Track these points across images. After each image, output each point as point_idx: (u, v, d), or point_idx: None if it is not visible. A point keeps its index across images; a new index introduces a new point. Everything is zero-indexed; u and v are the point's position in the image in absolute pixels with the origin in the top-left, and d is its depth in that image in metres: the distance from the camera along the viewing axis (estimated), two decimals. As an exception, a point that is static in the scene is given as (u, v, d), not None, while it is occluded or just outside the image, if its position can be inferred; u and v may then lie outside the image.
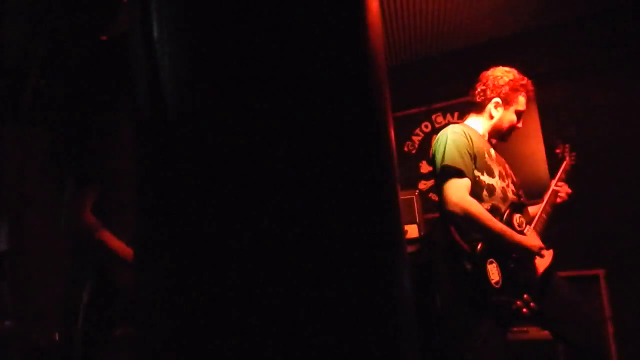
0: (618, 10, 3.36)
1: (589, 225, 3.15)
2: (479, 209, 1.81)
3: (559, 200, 2.17)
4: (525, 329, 2.66)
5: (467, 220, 1.81)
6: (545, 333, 2.28)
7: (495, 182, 1.94)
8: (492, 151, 2.04)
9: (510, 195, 1.98)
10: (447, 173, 1.87)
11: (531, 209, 2.10)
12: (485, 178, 1.92)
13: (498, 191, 1.93)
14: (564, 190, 2.18)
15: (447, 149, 1.90)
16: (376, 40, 0.88)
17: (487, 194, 1.90)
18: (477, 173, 1.90)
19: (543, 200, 2.15)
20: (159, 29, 0.85)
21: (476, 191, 1.88)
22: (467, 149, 1.90)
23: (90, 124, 2.01)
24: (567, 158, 2.37)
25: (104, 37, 2.42)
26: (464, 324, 1.83)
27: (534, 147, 3.61)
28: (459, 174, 1.85)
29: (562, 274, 2.05)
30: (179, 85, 0.81)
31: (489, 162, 1.96)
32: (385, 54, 0.90)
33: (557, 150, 2.40)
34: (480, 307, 1.79)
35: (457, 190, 1.82)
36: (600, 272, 2.92)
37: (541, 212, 2.09)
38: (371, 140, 0.82)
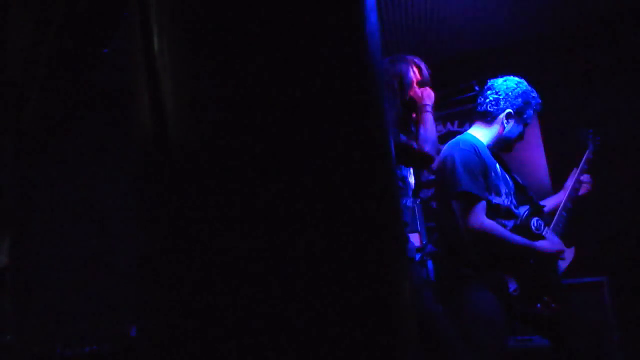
0: (618, 16, 3.37)
1: (592, 232, 3.14)
2: (499, 230, 1.85)
3: (582, 192, 2.14)
4: (529, 337, 2.64)
5: (489, 242, 1.85)
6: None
7: (502, 200, 1.96)
8: (498, 167, 2.03)
9: (514, 210, 1.99)
10: (464, 199, 1.87)
11: (551, 202, 2.11)
12: (493, 198, 1.93)
13: (504, 209, 1.95)
14: (586, 180, 2.15)
15: (459, 172, 1.88)
16: (375, 49, 0.88)
17: (493, 214, 1.91)
18: (485, 193, 1.91)
19: (563, 195, 2.11)
20: (160, 42, 0.85)
21: (487, 212, 1.89)
22: (479, 170, 1.90)
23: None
24: (592, 145, 2.28)
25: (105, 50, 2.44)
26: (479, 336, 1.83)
27: (535, 154, 3.61)
28: (476, 199, 1.86)
29: (566, 281, 2.05)
30: (183, 104, 0.82)
31: (496, 181, 1.96)
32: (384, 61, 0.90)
33: (582, 138, 2.29)
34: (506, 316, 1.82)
35: (476, 216, 1.84)
36: (604, 279, 2.90)
37: (561, 210, 2.07)
38: (370, 148, 0.82)
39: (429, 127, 1.76)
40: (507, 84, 2.04)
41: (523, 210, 2.00)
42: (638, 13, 3.32)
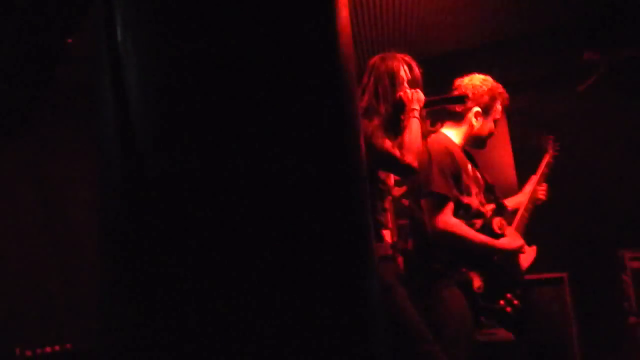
0: (583, 21, 3.47)
1: (553, 229, 3.24)
2: (464, 230, 1.90)
3: (540, 197, 2.21)
4: (493, 331, 2.71)
5: (455, 241, 1.89)
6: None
7: (472, 200, 2.00)
8: (470, 167, 2.07)
9: (483, 209, 2.04)
10: (433, 199, 1.91)
11: (512, 201, 2.18)
12: (464, 198, 1.97)
13: (473, 209, 2.00)
14: (542, 189, 2.23)
15: (432, 173, 1.91)
16: (346, 48, 0.88)
17: (463, 213, 1.96)
18: (456, 193, 1.95)
19: (524, 197, 2.19)
20: (124, 34, 0.83)
21: (455, 211, 1.93)
22: (450, 170, 1.93)
23: None
24: (551, 150, 2.37)
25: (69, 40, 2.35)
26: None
27: (502, 154, 3.70)
28: (445, 199, 1.90)
29: (528, 277, 2.11)
30: (148, 96, 0.80)
31: (467, 181, 2.01)
32: (355, 61, 0.90)
33: (542, 143, 2.38)
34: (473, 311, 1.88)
35: (444, 215, 1.88)
36: (565, 275, 3.01)
37: (523, 211, 2.14)
38: (341, 146, 0.82)
39: (414, 134, 1.74)
40: (472, 83, 2.08)
41: (489, 209, 2.07)
42: (603, 18, 3.43)
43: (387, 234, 1.87)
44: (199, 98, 0.74)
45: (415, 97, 1.79)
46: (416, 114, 1.78)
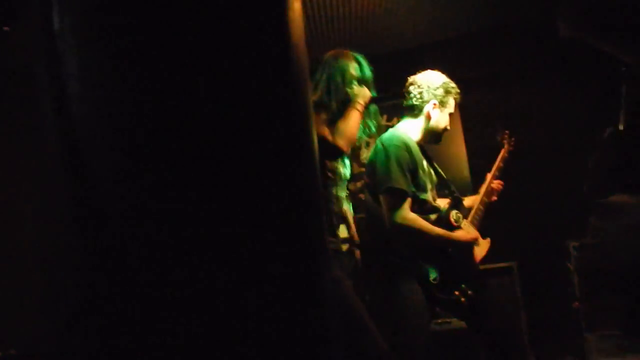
0: (539, 18, 3.57)
1: (503, 220, 3.37)
2: (421, 223, 1.94)
3: (494, 190, 2.28)
4: (448, 320, 2.79)
5: (412, 235, 1.94)
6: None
7: (427, 196, 2.05)
8: (425, 163, 2.12)
9: (437, 204, 2.10)
10: (392, 195, 1.94)
11: (469, 200, 2.23)
12: (420, 194, 2.02)
13: (429, 204, 2.05)
14: (497, 185, 2.30)
15: (391, 168, 1.95)
16: (299, 42, 0.86)
17: (418, 208, 1.99)
18: (412, 189, 1.98)
19: (480, 192, 2.25)
20: (60, 20, 0.78)
21: (412, 206, 1.97)
22: (408, 166, 1.97)
23: None
24: (506, 145, 2.44)
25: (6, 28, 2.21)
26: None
27: (457, 150, 3.80)
28: (403, 194, 1.93)
29: (480, 266, 2.18)
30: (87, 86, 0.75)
31: (423, 178, 2.05)
32: (309, 56, 0.89)
33: (498, 138, 2.44)
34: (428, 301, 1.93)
35: (402, 211, 1.92)
36: (514, 264, 3.13)
37: (478, 204, 2.20)
38: (293, 141, 0.80)
39: (351, 123, 1.78)
40: (427, 78, 2.15)
41: (444, 203, 2.13)
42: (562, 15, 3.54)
43: (342, 227, 1.89)
44: (142, 86, 0.70)
45: (362, 94, 1.84)
46: (359, 106, 1.82)
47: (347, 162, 1.94)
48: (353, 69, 1.89)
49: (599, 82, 2.63)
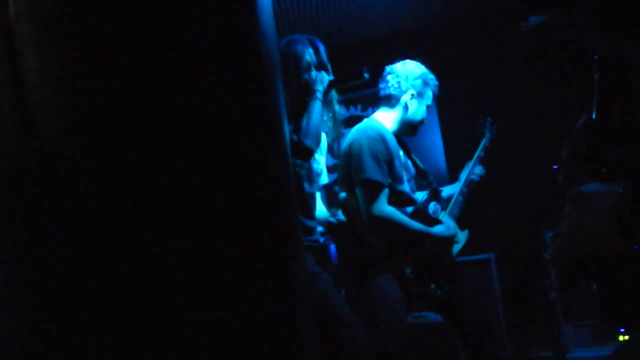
0: (516, 7, 3.58)
1: (480, 212, 3.39)
2: (398, 217, 1.91)
3: (476, 180, 2.25)
4: (424, 314, 2.80)
5: (390, 229, 1.91)
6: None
7: (404, 187, 2.02)
8: (402, 153, 2.09)
9: (414, 196, 2.07)
10: (367, 187, 1.90)
11: (448, 188, 2.23)
12: (396, 185, 1.98)
13: (406, 196, 2.02)
14: (479, 172, 2.28)
15: (365, 160, 1.90)
16: (268, 30, 0.84)
17: (395, 200, 1.97)
18: (389, 180, 1.95)
19: (459, 184, 2.22)
20: (17, 6, 0.73)
21: (389, 198, 1.94)
22: (384, 157, 1.93)
23: None
24: (489, 133, 2.39)
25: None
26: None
27: (433, 139, 3.81)
28: (379, 186, 1.90)
29: (457, 258, 2.18)
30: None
31: (400, 169, 2.02)
32: (279, 45, 0.86)
33: (480, 126, 2.40)
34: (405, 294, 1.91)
35: (379, 204, 1.89)
36: (491, 257, 3.16)
37: (457, 195, 2.18)
38: (264, 136, 0.78)
39: (314, 116, 1.69)
40: (405, 67, 2.10)
41: (422, 195, 2.10)
42: (539, 4, 3.54)
43: (315, 222, 1.86)
44: (102, 71, 0.67)
45: (319, 79, 1.74)
46: (318, 95, 1.72)
47: (316, 156, 1.88)
48: (307, 54, 1.78)
49: (575, 72, 2.65)
